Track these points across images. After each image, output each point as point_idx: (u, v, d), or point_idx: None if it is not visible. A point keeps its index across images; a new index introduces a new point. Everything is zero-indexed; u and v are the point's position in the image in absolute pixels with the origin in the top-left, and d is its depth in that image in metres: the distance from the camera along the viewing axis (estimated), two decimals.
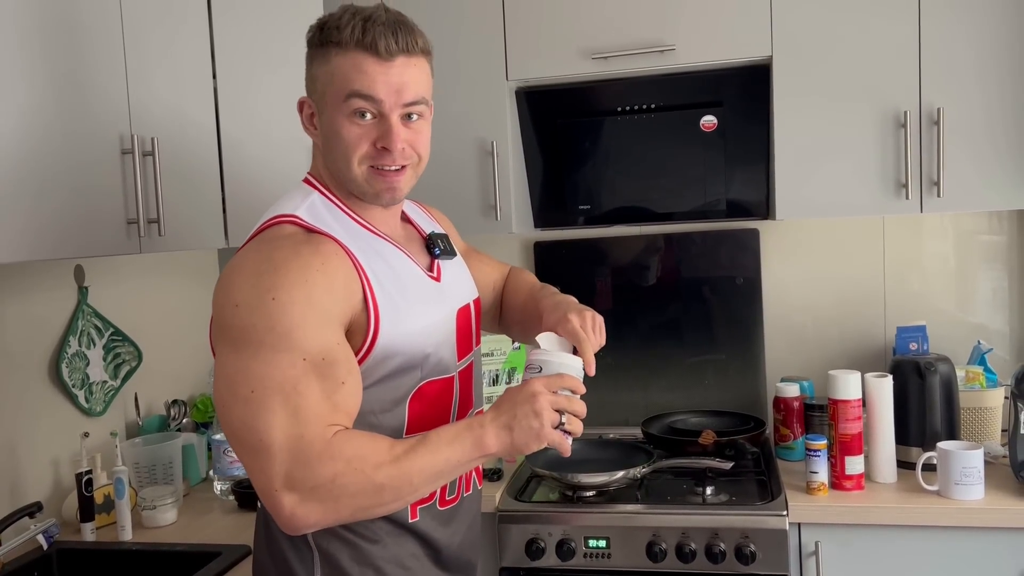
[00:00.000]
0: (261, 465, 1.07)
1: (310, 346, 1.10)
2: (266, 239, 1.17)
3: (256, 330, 1.09)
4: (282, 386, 1.08)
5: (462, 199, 2.27)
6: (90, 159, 1.61)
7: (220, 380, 1.11)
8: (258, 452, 1.07)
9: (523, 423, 1.15)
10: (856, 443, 1.92)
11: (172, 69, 1.81)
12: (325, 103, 1.21)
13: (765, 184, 2.25)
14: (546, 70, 2.22)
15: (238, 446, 1.10)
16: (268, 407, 1.07)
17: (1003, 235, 2.33)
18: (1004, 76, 1.97)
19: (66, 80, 1.56)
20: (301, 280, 1.11)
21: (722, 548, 1.84)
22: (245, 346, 1.09)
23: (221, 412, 1.12)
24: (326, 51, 1.19)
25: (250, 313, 1.09)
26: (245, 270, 1.13)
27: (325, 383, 1.10)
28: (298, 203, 1.23)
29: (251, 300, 1.09)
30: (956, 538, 1.81)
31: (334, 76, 1.19)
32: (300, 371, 1.08)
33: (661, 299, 2.50)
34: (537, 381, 1.18)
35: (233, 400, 1.09)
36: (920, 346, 2.17)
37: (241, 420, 1.08)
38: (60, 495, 1.98)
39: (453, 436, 1.15)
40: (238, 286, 1.11)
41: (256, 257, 1.14)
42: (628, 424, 2.44)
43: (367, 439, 1.12)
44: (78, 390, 2.01)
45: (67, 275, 2.02)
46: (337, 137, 1.20)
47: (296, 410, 1.08)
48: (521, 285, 1.58)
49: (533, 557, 1.92)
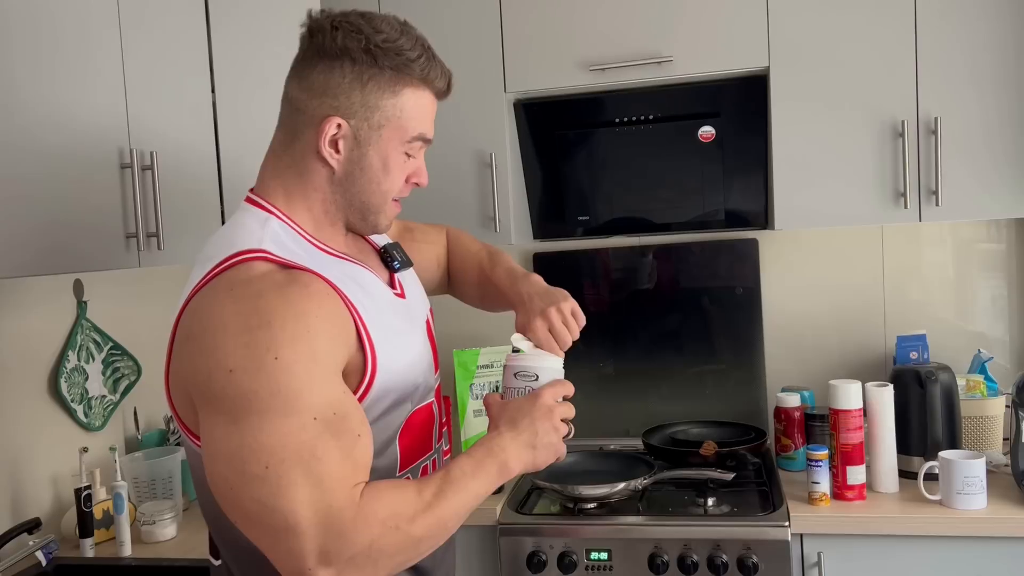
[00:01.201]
0: (289, 546, 0.95)
1: (319, 403, 0.98)
2: (238, 283, 1.01)
3: (259, 397, 0.95)
4: (299, 454, 0.95)
5: (461, 211, 2.27)
6: (89, 173, 1.61)
7: (219, 459, 0.97)
8: (283, 533, 0.95)
9: (544, 440, 1.13)
10: (857, 453, 1.92)
11: (171, 83, 1.81)
12: (378, 135, 1.10)
13: (763, 194, 2.25)
14: (544, 82, 2.22)
15: (256, 529, 0.97)
16: (288, 481, 0.94)
17: (1002, 243, 2.33)
18: (1001, 85, 1.98)
19: (65, 94, 1.56)
20: (302, 331, 0.98)
21: (724, 560, 1.83)
22: (246, 416, 0.95)
23: (227, 495, 0.97)
24: (395, 80, 1.09)
25: (249, 379, 0.95)
26: (229, 327, 0.97)
27: (342, 440, 0.99)
28: (258, 233, 1.08)
29: (247, 364, 0.95)
30: (959, 548, 1.81)
31: (403, 112, 1.11)
32: (313, 433, 0.96)
33: (661, 310, 2.50)
34: (547, 394, 1.15)
35: (243, 480, 0.95)
36: (920, 355, 2.16)
37: (258, 501, 0.95)
38: (59, 510, 1.97)
39: (476, 467, 1.08)
40: (227, 348, 0.96)
41: (237, 309, 0.98)
42: (628, 435, 2.43)
43: (395, 491, 1.02)
44: (77, 405, 2.01)
45: (66, 289, 2.01)
46: (383, 171, 1.12)
47: (320, 479, 0.96)
48: (468, 258, 1.49)
49: (535, 570, 1.91)
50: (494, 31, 2.23)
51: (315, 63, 1.10)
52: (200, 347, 0.99)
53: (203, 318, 1.00)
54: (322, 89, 1.09)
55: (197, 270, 1.08)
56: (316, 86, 1.09)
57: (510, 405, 1.17)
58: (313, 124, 1.10)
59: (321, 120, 1.09)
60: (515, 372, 1.20)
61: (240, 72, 1.98)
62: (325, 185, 1.13)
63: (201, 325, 1.00)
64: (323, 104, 1.09)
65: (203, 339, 0.99)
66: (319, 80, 1.09)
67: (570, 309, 1.28)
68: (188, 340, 1.01)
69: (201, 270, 1.07)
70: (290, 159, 1.13)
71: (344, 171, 1.11)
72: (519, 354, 1.21)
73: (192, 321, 1.02)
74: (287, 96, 1.14)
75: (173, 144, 1.80)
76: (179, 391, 1.05)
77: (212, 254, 1.07)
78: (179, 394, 1.05)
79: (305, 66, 1.12)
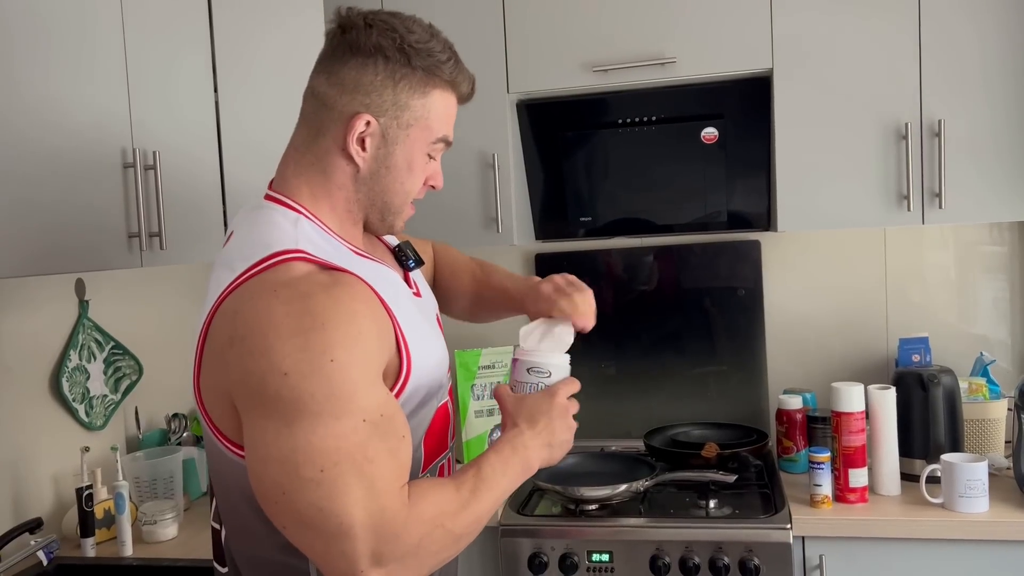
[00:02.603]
0: (342, 549, 0.95)
1: (369, 405, 0.98)
2: (281, 284, 1.00)
3: (315, 399, 0.94)
4: (352, 457, 0.95)
5: (463, 211, 2.27)
6: (91, 173, 1.60)
7: (271, 464, 0.95)
8: (337, 536, 0.95)
9: (560, 438, 1.15)
10: (860, 455, 1.91)
11: (173, 83, 1.81)
12: (406, 134, 1.11)
13: (766, 196, 2.25)
14: (547, 83, 2.22)
15: (308, 532, 0.96)
16: (344, 485, 0.94)
17: (1004, 246, 2.33)
18: (1005, 87, 1.98)
19: (67, 94, 1.56)
20: (355, 333, 0.98)
21: (726, 562, 1.83)
22: (299, 419, 0.94)
23: (278, 500, 0.96)
24: (425, 81, 1.10)
25: (305, 381, 0.94)
26: (282, 329, 0.95)
27: (389, 442, 0.99)
28: (292, 233, 1.07)
29: (303, 366, 0.94)
30: (961, 551, 1.80)
31: (431, 113, 1.11)
32: (364, 435, 0.96)
33: (662, 311, 2.50)
34: (562, 391, 1.18)
35: (299, 484, 0.94)
36: (923, 358, 2.16)
37: (314, 505, 0.94)
38: (61, 510, 1.97)
39: (503, 464, 1.10)
40: (281, 350, 0.94)
41: (287, 310, 0.96)
42: (630, 436, 2.43)
43: (437, 490, 1.04)
44: (78, 404, 2.01)
45: (68, 289, 2.01)
46: (407, 172, 1.13)
47: (372, 481, 0.96)
48: (458, 268, 1.51)
49: (536, 572, 1.91)
50: (497, 31, 2.23)
51: (347, 59, 1.09)
52: (249, 349, 0.96)
53: (249, 320, 0.97)
54: (353, 86, 1.08)
55: (223, 272, 1.06)
56: (347, 82, 1.08)
57: (527, 401, 1.17)
58: (341, 120, 1.09)
59: (350, 117, 1.08)
60: (528, 367, 1.20)
61: (243, 72, 1.97)
62: (349, 183, 1.12)
63: (248, 327, 0.97)
64: (353, 101, 1.08)
65: (252, 341, 0.96)
66: (350, 76, 1.08)
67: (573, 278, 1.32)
68: (233, 343, 0.98)
69: (230, 272, 1.04)
70: (313, 156, 1.11)
71: (369, 169, 1.11)
72: (530, 350, 1.22)
73: (235, 323, 0.99)
74: (313, 91, 1.12)
75: (176, 144, 1.80)
76: (216, 397, 1.03)
77: (246, 254, 1.05)
78: (216, 401, 1.03)
79: (335, 62, 1.10)
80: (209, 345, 1.03)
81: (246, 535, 1.09)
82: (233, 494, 1.07)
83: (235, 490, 1.06)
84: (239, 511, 1.08)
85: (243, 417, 0.99)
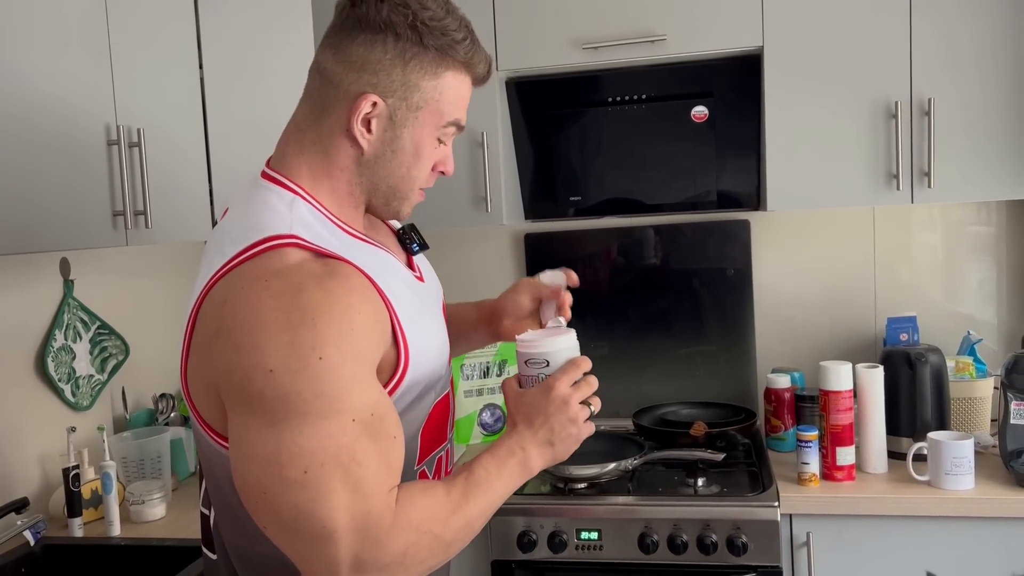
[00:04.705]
0: (323, 553, 0.92)
1: (359, 404, 0.94)
2: (273, 273, 0.95)
3: (301, 398, 0.90)
4: (338, 459, 0.91)
5: (452, 191, 2.26)
6: (75, 151, 1.58)
7: (254, 463, 0.92)
8: (318, 540, 0.91)
9: (562, 434, 1.09)
10: (847, 434, 1.92)
11: (158, 58, 1.78)
12: (415, 116, 1.05)
13: (756, 175, 2.24)
14: (536, 60, 2.20)
15: (288, 535, 0.93)
16: (327, 487, 0.91)
17: (992, 226, 2.34)
18: (995, 66, 1.97)
19: (49, 70, 1.53)
20: (347, 329, 0.93)
21: (714, 539, 1.84)
22: (285, 418, 0.91)
23: (260, 500, 0.93)
24: (438, 61, 1.04)
25: (291, 379, 0.90)
26: (269, 323, 0.91)
27: (379, 443, 0.95)
28: (286, 216, 1.01)
29: (290, 363, 0.90)
30: (947, 528, 1.82)
31: (443, 96, 1.06)
32: (352, 436, 0.92)
33: (652, 290, 2.50)
34: (560, 382, 1.09)
35: (282, 486, 0.91)
36: (910, 337, 2.17)
37: (295, 507, 0.91)
38: (48, 490, 1.96)
39: (498, 467, 1.05)
40: (268, 346, 0.90)
41: (276, 304, 0.92)
42: (619, 416, 2.43)
43: (425, 494, 0.99)
44: (64, 384, 1.99)
45: (52, 268, 1.99)
46: (414, 157, 1.07)
47: (358, 483, 0.92)
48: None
49: (524, 550, 1.91)
50: (486, 8, 2.21)
51: (355, 35, 1.03)
52: (236, 343, 0.92)
53: (238, 311, 0.93)
54: (360, 63, 1.02)
55: (214, 255, 1.01)
56: (354, 59, 1.02)
57: (524, 399, 1.11)
58: (347, 100, 1.03)
59: (356, 96, 1.02)
60: (525, 360, 1.12)
61: (228, 47, 1.95)
62: (352, 166, 1.06)
63: (236, 319, 0.93)
64: (360, 79, 1.02)
65: (239, 335, 0.92)
66: (358, 53, 1.02)
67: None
68: (219, 335, 0.94)
69: (221, 255, 0.99)
70: (315, 135, 1.06)
71: (374, 153, 1.05)
72: (528, 339, 1.13)
73: (223, 314, 0.94)
74: (319, 67, 1.06)
75: (160, 121, 1.78)
76: (202, 387, 0.99)
77: (235, 237, 0.99)
78: (203, 391, 1.00)
79: (343, 37, 1.04)
80: (197, 334, 0.99)
81: (235, 524, 1.07)
82: (221, 482, 1.05)
83: (223, 479, 1.04)
84: (228, 500, 1.05)
85: (228, 411, 0.95)
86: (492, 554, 1.95)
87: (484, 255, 2.62)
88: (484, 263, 2.62)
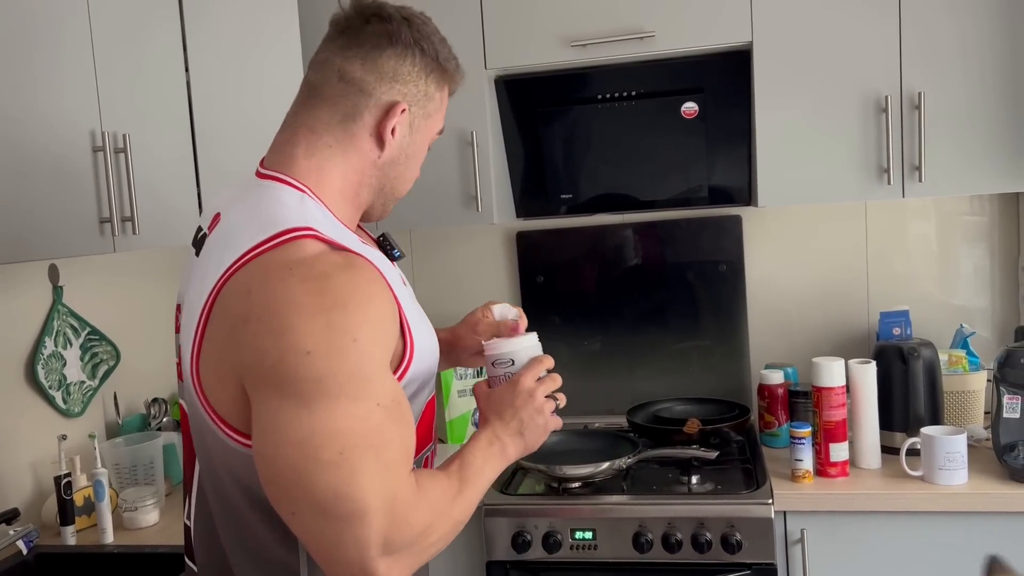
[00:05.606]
0: (355, 534, 0.94)
1: (384, 390, 0.98)
2: (296, 262, 0.98)
3: (336, 380, 0.93)
4: (369, 440, 0.95)
5: (442, 191, 2.25)
6: (60, 157, 1.57)
7: (287, 446, 0.93)
8: (352, 520, 0.94)
9: (530, 424, 1.16)
10: (840, 430, 1.92)
11: (142, 62, 1.77)
12: (425, 124, 1.15)
13: (747, 170, 2.24)
14: (525, 58, 2.19)
15: (321, 519, 0.94)
16: (361, 468, 0.94)
17: (985, 216, 2.33)
18: (985, 60, 1.96)
19: (33, 76, 1.52)
20: (374, 315, 0.98)
21: (708, 538, 1.84)
22: (319, 399, 0.93)
23: (293, 484, 0.94)
24: (443, 75, 1.16)
25: (327, 361, 0.93)
26: (303, 307, 0.94)
27: (400, 428, 1.00)
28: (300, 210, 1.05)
29: (327, 345, 0.93)
30: (941, 523, 1.82)
31: (441, 106, 1.18)
32: (379, 419, 0.96)
33: (645, 287, 2.49)
34: (525, 377, 1.18)
35: (317, 467, 0.93)
36: (903, 331, 2.17)
37: (331, 488, 0.93)
38: (40, 499, 1.95)
39: (483, 456, 1.12)
40: (304, 329, 0.93)
41: (306, 288, 0.95)
42: (613, 413, 2.43)
43: (432, 478, 1.05)
44: (55, 391, 1.98)
45: (41, 274, 1.98)
46: (414, 160, 1.17)
47: (387, 465, 0.96)
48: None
49: (519, 550, 1.91)
50: (474, 6, 2.19)
51: (384, 48, 1.11)
52: (268, 328, 0.94)
53: (268, 298, 0.95)
54: (392, 75, 1.10)
55: (223, 250, 1.03)
56: (386, 71, 1.10)
57: (493, 396, 1.19)
58: (379, 107, 1.10)
59: (389, 104, 1.10)
60: (492, 361, 1.21)
61: (214, 50, 1.93)
62: (368, 168, 1.12)
63: (267, 305, 0.95)
64: (392, 90, 1.11)
65: (272, 320, 0.94)
66: (389, 65, 1.10)
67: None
68: (248, 321, 0.95)
69: (233, 250, 1.01)
70: (333, 138, 1.10)
71: (391, 156, 1.13)
72: (492, 342, 1.23)
73: (250, 301, 0.96)
74: (344, 76, 1.10)
75: (147, 125, 1.77)
76: (220, 381, 1.00)
77: (252, 232, 1.02)
78: (219, 384, 1.00)
79: (372, 49, 1.11)
80: (213, 326, 1.00)
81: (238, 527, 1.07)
82: (226, 484, 1.05)
83: (228, 479, 1.04)
84: (232, 502, 1.05)
85: (255, 400, 0.96)
86: (487, 555, 1.95)
87: (476, 254, 2.62)
88: (476, 262, 2.62)
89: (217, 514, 1.09)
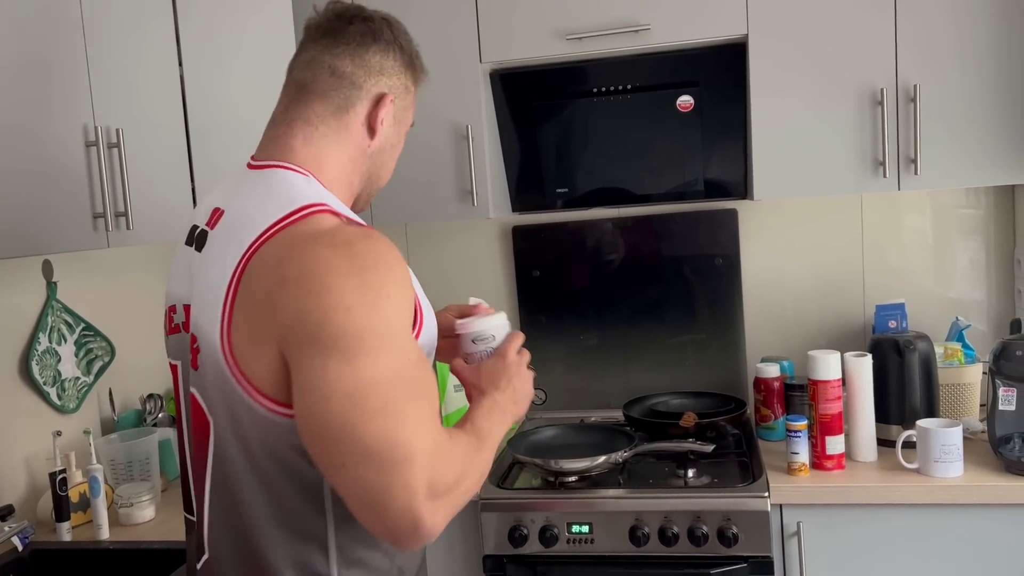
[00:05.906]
0: (404, 479, 0.98)
1: (413, 346, 1.06)
2: (320, 232, 1.04)
3: (376, 332, 1.00)
4: (408, 390, 1.01)
5: (438, 185, 2.24)
6: (53, 152, 1.56)
7: (336, 399, 0.98)
8: (401, 465, 0.98)
9: (522, 392, 1.25)
10: (836, 423, 1.92)
11: (136, 57, 1.76)
12: (404, 116, 1.26)
13: (743, 164, 2.23)
14: (520, 52, 2.18)
15: (372, 467, 0.98)
16: (405, 414, 0.99)
17: (981, 208, 2.33)
18: (980, 52, 1.96)
19: (25, 70, 1.51)
20: (402, 274, 1.05)
21: (704, 531, 1.84)
22: (361, 353, 0.99)
23: (343, 437, 0.98)
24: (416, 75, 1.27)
25: (367, 316, 0.99)
26: (338, 267, 1.00)
27: (430, 380, 1.07)
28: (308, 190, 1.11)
29: (365, 302, 1.00)
30: (937, 516, 1.82)
31: (414, 100, 1.28)
32: (413, 371, 1.03)
33: (641, 281, 2.49)
34: (510, 350, 1.26)
35: (366, 416, 0.98)
36: (899, 324, 2.17)
37: (380, 435, 0.98)
38: (35, 495, 1.95)
39: (488, 415, 1.17)
40: (342, 287, 0.99)
41: (335, 252, 1.01)
42: (609, 407, 2.43)
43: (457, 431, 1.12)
44: (50, 388, 1.98)
45: (35, 270, 1.97)
46: (396, 151, 1.27)
47: (426, 413, 1.03)
48: None
49: (516, 544, 1.91)
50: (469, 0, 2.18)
51: (369, 45, 1.20)
52: (308, 290, 0.99)
53: (303, 263, 1.01)
54: (379, 69, 1.20)
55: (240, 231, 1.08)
56: (373, 65, 1.20)
57: (484, 368, 1.25)
58: (369, 98, 1.20)
59: (379, 95, 1.20)
60: (472, 338, 1.28)
61: (208, 44, 1.92)
62: (360, 156, 1.21)
63: (303, 269, 1.00)
64: (379, 82, 1.20)
65: (310, 282, 1.00)
66: (375, 60, 1.20)
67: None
68: (285, 286, 1.01)
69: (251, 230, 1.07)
70: (328, 128, 1.18)
71: (379, 145, 1.22)
72: (468, 321, 1.29)
73: (283, 269, 1.02)
74: (335, 71, 1.19)
75: (140, 120, 1.76)
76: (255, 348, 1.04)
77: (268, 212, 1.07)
78: (256, 352, 1.04)
79: (358, 46, 1.20)
80: (243, 299, 1.04)
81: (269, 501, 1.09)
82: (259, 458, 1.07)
83: (261, 452, 1.07)
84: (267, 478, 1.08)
85: (297, 360, 1.01)
86: (484, 549, 1.95)
87: (471, 249, 2.61)
88: (472, 257, 2.61)
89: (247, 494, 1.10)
